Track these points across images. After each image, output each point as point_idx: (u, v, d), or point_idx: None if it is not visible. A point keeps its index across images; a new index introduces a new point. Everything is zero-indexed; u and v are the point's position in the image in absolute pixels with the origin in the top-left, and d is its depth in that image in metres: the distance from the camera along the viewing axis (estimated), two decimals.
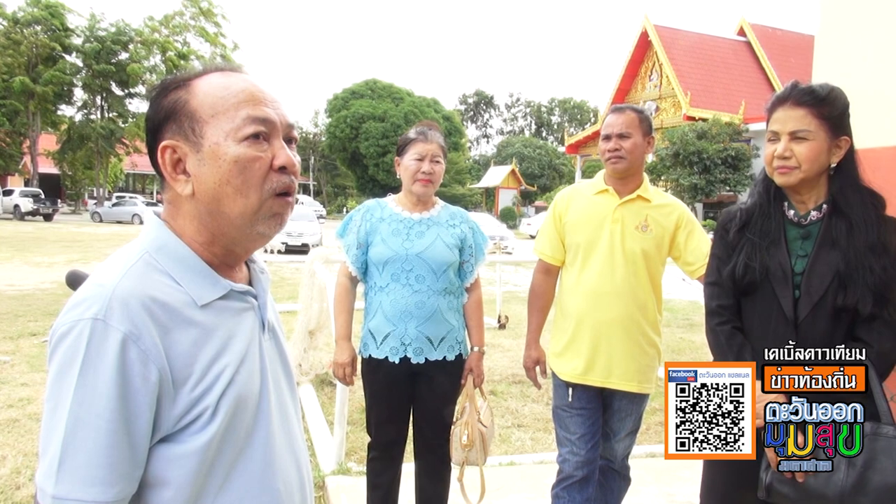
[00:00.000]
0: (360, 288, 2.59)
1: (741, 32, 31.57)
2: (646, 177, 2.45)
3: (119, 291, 0.84)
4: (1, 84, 32.33)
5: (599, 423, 2.43)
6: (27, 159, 36.75)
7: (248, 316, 0.99)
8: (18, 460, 3.54)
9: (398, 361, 2.41)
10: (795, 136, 1.66)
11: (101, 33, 35.98)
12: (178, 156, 0.94)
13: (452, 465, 2.59)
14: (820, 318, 1.65)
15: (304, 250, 13.38)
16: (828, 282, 1.65)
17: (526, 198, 46.04)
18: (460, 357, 2.50)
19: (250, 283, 1.04)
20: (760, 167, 1.81)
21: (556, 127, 76.22)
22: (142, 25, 36.74)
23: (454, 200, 31.74)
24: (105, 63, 35.20)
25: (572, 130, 47.32)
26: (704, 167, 23.36)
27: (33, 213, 29.44)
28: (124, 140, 37.34)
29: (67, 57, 35.74)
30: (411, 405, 2.53)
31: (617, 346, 2.35)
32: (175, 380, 0.86)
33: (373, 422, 2.55)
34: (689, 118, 25.78)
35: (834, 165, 1.71)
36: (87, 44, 35.56)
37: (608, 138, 2.37)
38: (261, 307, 1.03)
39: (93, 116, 37.62)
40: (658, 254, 2.38)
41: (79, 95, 37.76)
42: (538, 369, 2.56)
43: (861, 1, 2.31)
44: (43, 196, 30.70)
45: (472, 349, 2.56)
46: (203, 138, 0.92)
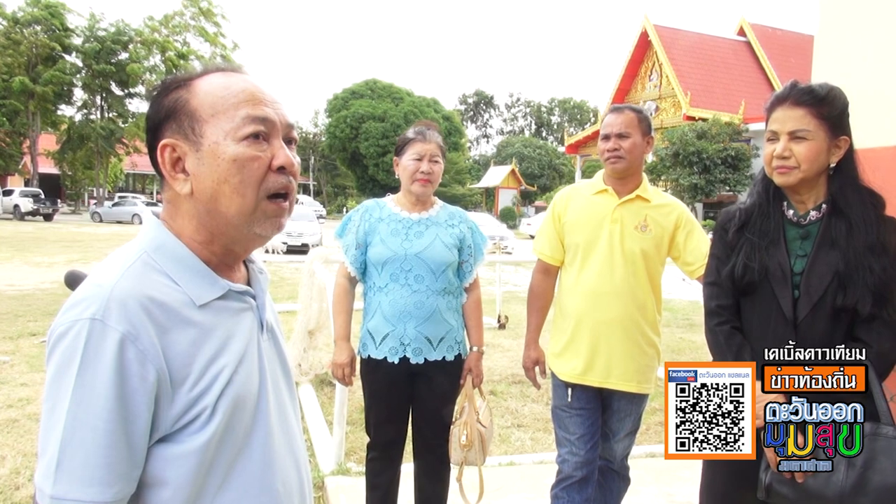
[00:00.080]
0: (360, 288, 2.59)
1: (741, 32, 31.58)
2: (645, 177, 2.45)
3: (117, 292, 0.84)
4: (1, 84, 32.33)
5: (599, 424, 2.43)
6: (27, 159, 36.77)
7: (247, 316, 0.99)
8: (18, 460, 3.54)
9: (397, 362, 2.40)
10: (795, 136, 1.65)
11: (101, 33, 36.02)
12: (178, 154, 0.93)
13: (451, 466, 2.59)
14: (819, 319, 1.65)
15: (304, 250, 13.37)
16: (827, 282, 1.64)
17: (526, 198, 46.05)
18: (459, 357, 2.50)
19: (249, 284, 1.04)
20: (760, 167, 1.81)
21: (556, 127, 76.22)
22: (142, 25, 36.80)
23: (454, 200, 31.74)
24: (105, 63, 35.23)
25: (572, 130, 47.27)
26: (704, 167, 23.35)
27: (33, 213, 29.45)
28: (124, 140, 37.37)
29: (67, 57, 35.77)
30: (410, 405, 2.53)
31: (616, 347, 2.34)
32: (173, 380, 0.86)
33: (372, 422, 2.54)
34: (689, 118, 25.77)
35: (833, 165, 1.70)
36: (87, 44, 35.59)
37: (607, 138, 2.37)
38: (259, 307, 1.03)
39: (93, 116, 37.65)
40: (657, 254, 2.38)
41: (79, 95, 37.84)
42: (537, 369, 2.56)
43: (861, 1, 2.31)
44: (43, 196, 30.70)
45: (472, 349, 2.55)
46: (202, 137, 0.92)
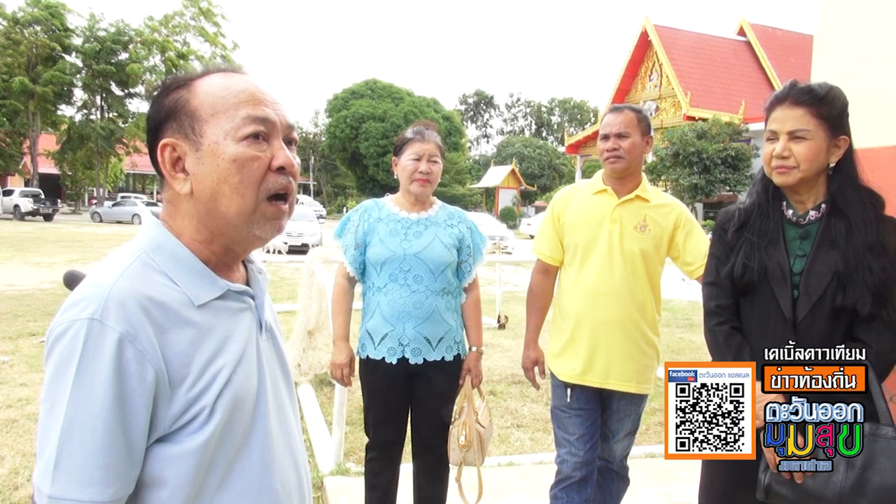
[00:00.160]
0: (359, 288, 2.58)
1: (741, 32, 31.58)
2: (644, 177, 2.45)
3: (116, 291, 0.84)
4: (1, 84, 32.34)
5: (598, 424, 2.43)
6: (27, 159, 36.76)
7: (246, 316, 0.99)
8: (17, 461, 3.54)
9: (396, 362, 2.40)
10: (794, 136, 1.65)
11: (101, 33, 36.03)
12: (178, 154, 0.93)
13: (450, 466, 2.59)
14: (819, 319, 1.65)
15: (304, 250, 13.36)
16: (826, 282, 1.64)
17: (526, 198, 46.04)
18: (458, 357, 2.50)
19: (248, 284, 1.04)
20: (760, 167, 1.81)
21: (556, 127, 76.23)
22: (141, 25, 36.81)
23: (454, 200, 31.74)
24: (105, 63, 35.25)
25: (572, 130, 47.27)
26: (704, 167, 23.34)
27: (33, 213, 29.46)
28: (124, 140, 37.37)
29: (67, 57, 35.77)
30: (409, 405, 2.53)
31: (615, 347, 2.34)
32: (172, 380, 0.86)
33: (371, 422, 2.54)
34: (689, 118, 25.77)
35: (833, 165, 1.70)
36: (87, 44, 35.61)
37: (606, 138, 2.37)
38: (258, 307, 1.02)
39: (93, 116, 37.66)
40: (657, 254, 2.38)
41: (79, 95, 37.86)
42: (537, 370, 2.56)
43: (861, 1, 2.30)
44: (43, 196, 30.71)
45: (471, 349, 2.55)
46: (203, 137, 0.92)
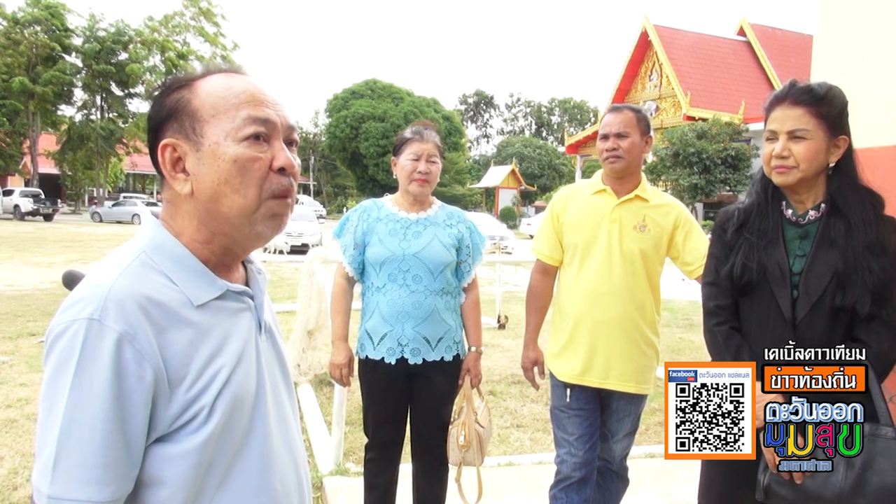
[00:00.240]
0: (358, 288, 2.58)
1: (741, 32, 31.58)
2: (644, 177, 2.45)
3: (115, 291, 0.84)
4: (1, 84, 32.34)
5: (597, 424, 2.43)
6: (27, 159, 36.78)
7: (245, 316, 0.99)
8: (16, 461, 3.54)
9: (395, 362, 2.40)
10: (793, 136, 1.65)
11: (101, 33, 36.06)
12: (178, 154, 0.93)
13: (450, 466, 2.58)
14: (818, 319, 1.65)
15: (304, 250, 13.36)
16: (826, 282, 1.64)
17: (526, 198, 46.05)
18: (458, 357, 2.49)
19: (247, 284, 1.04)
20: (759, 167, 1.81)
21: (556, 127, 76.24)
22: (141, 26, 36.84)
23: (454, 200, 31.72)
24: (105, 63, 35.27)
25: (572, 130, 47.25)
26: (704, 167, 23.34)
27: (33, 213, 29.46)
28: (124, 140, 37.38)
29: (67, 57, 35.80)
30: (409, 406, 2.52)
31: (615, 347, 2.34)
32: (171, 380, 0.86)
33: (370, 422, 2.54)
34: (689, 118, 25.76)
35: (832, 165, 1.70)
36: (87, 44, 35.63)
37: (606, 138, 2.37)
38: (257, 308, 1.02)
39: (93, 117, 37.68)
40: (656, 254, 2.38)
41: (79, 95, 37.90)
42: (536, 370, 2.56)
43: (860, 1, 2.30)
44: (43, 196, 30.71)
45: (470, 349, 2.55)
46: (203, 137, 0.92)
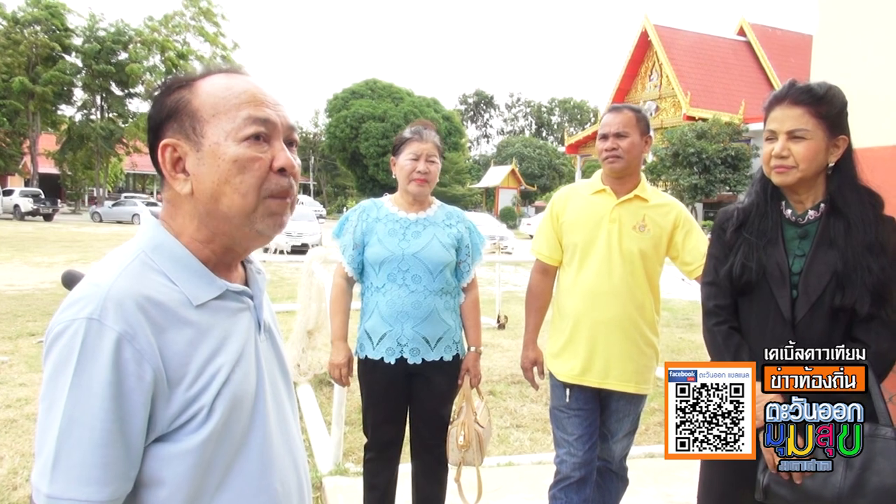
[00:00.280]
0: (357, 288, 2.58)
1: (741, 32, 31.58)
2: (643, 176, 2.45)
3: (114, 291, 0.84)
4: (1, 84, 32.33)
5: (597, 424, 2.42)
6: (27, 159, 36.76)
7: (244, 316, 0.99)
8: (15, 461, 3.54)
9: (394, 362, 2.40)
10: (793, 136, 1.65)
11: (101, 33, 36.07)
12: (178, 154, 0.93)
13: (449, 466, 2.58)
14: (817, 319, 1.64)
15: (304, 250, 13.35)
16: (825, 282, 1.64)
17: (526, 198, 46.05)
18: (457, 357, 2.49)
19: (246, 284, 1.04)
20: (759, 167, 1.81)
21: (556, 127, 76.26)
22: (141, 25, 36.83)
23: (454, 200, 31.71)
24: (105, 63, 35.27)
25: (572, 130, 47.22)
26: (704, 167, 23.34)
27: (33, 213, 29.46)
28: (124, 140, 37.38)
29: (67, 57, 35.79)
30: (408, 406, 2.52)
31: (614, 347, 2.34)
32: (170, 379, 0.86)
33: (370, 422, 2.54)
34: (689, 118, 25.76)
35: (832, 165, 1.70)
36: (87, 44, 35.63)
37: (605, 137, 2.37)
38: (257, 307, 1.02)
39: (93, 116, 37.67)
40: (656, 254, 2.38)
41: (78, 95, 37.90)
42: (535, 370, 2.56)
43: (860, 1, 2.30)
44: (43, 196, 30.71)
45: (469, 349, 2.55)
46: (203, 138, 0.92)
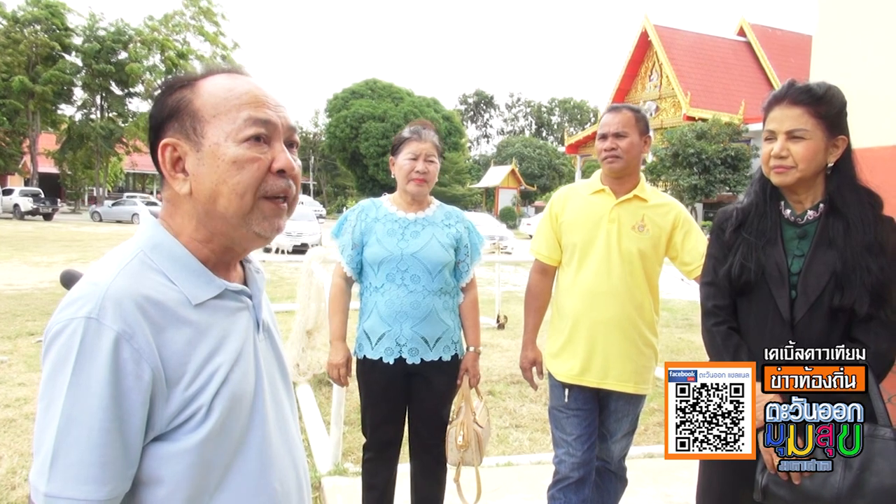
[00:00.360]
0: (356, 288, 2.58)
1: (741, 32, 31.59)
2: (643, 176, 2.45)
3: (113, 290, 0.84)
4: (1, 84, 32.32)
5: (596, 424, 2.42)
6: (27, 159, 36.75)
7: (243, 315, 0.99)
8: (14, 460, 3.53)
9: (393, 362, 2.40)
10: (792, 136, 1.65)
11: (101, 33, 36.06)
12: (178, 154, 0.94)
13: (448, 466, 2.58)
14: (816, 319, 1.64)
15: (303, 250, 13.35)
16: (824, 282, 1.64)
17: (526, 198, 46.06)
18: (456, 357, 2.49)
19: (245, 283, 1.04)
20: (758, 167, 1.80)
21: (556, 127, 76.27)
22: (141, 25, 36.83)
23: (454, 200, 31.73)
24: (105, 63, 35.26)
25: (572, 130, 47.21)
26: (704, 167, 23.34)
27: (33, 213, 29.46)
28: (124, 140, 37.37)
29: (67, 56, 35.78)
30: (407, 406, 2.52)
31: (613, 347, 2.34)
32: (168, 379, 0.86)
33: (368, 422, 2.54)
34: (689, 118, 25.77)
35: (831, 165, 1.70)
36: (87, 43, 35.63)
37: (604, 137, 2.36)
38: (255, 307, 1.03)
39: (92, 116, 37.66)
40: (655, 254, 2.38)
41: (78, 95, 37.88)
42: (534, 370, 2.56)
43: (860, 1, 2.30)
44: (43, 195, 30.71)
45: (468, 349, 2.55)
46: (204, 138, 0.92)
